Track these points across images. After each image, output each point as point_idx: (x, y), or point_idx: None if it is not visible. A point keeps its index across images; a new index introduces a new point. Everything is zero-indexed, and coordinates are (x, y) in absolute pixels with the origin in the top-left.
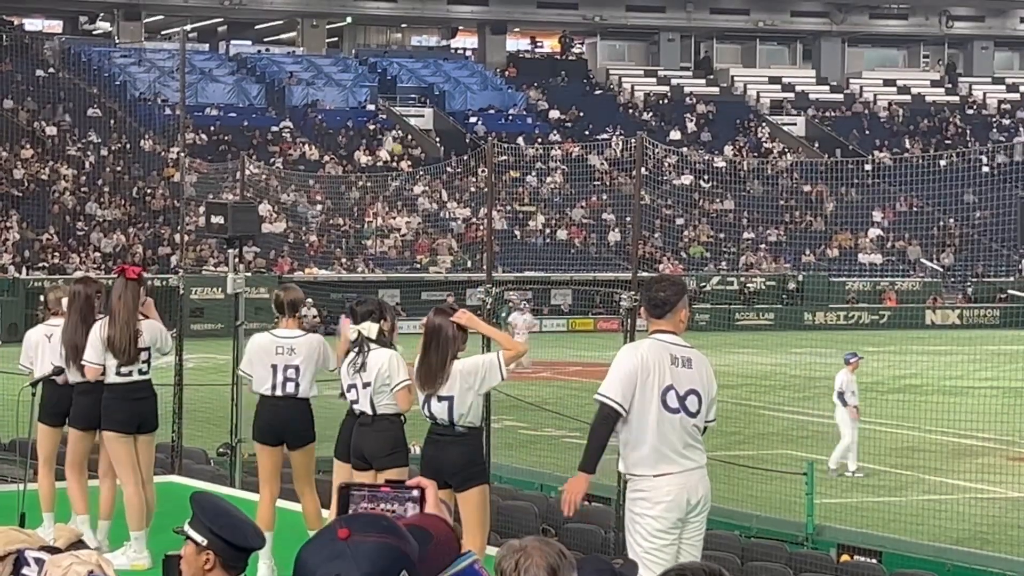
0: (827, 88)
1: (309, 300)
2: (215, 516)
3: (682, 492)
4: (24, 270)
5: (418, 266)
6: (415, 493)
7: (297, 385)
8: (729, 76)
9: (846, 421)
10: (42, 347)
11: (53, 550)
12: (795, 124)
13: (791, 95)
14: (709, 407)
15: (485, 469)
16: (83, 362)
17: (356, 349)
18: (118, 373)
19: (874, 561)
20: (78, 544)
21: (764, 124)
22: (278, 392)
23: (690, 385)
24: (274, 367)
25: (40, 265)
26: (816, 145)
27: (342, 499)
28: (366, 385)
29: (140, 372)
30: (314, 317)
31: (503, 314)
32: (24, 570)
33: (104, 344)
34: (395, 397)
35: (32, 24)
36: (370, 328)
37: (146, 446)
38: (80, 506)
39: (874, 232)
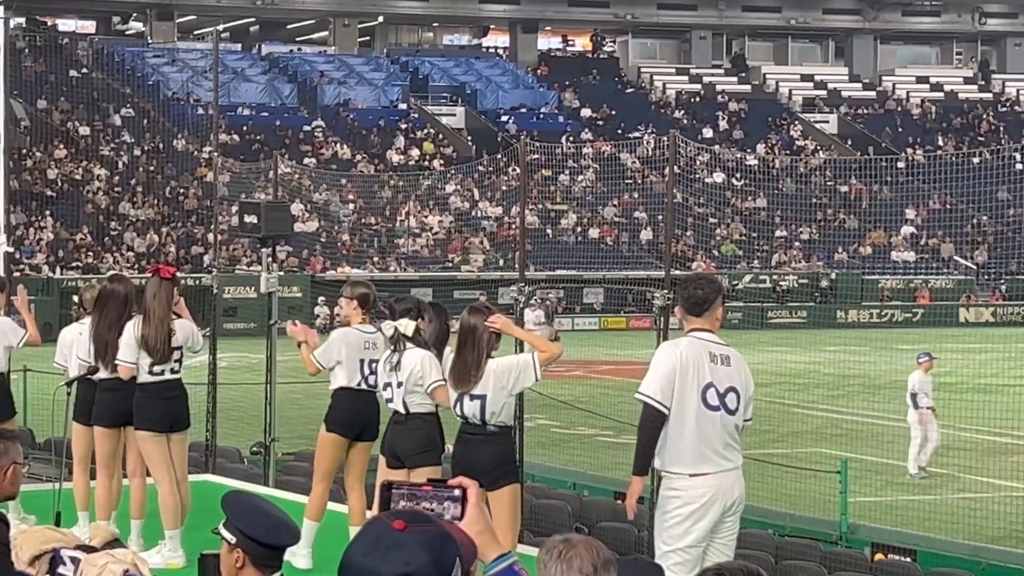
0: (860, 85)
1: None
2: (242, 514)
3: (717, 494)
4: (58, 270)
5: (450, 265)
6: (457, 492)
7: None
8: (761, 74)
9: (917, 423)
10: (76, 346)
11: (89, 549)
12: (827, 122)
13: (823, 92)
14: (747, 405)
15: (517, 468)
16: (117, 361)
17: (392, 347)
18: (150, 372)
19: (909, 560)
20: (113, 543)
21: (796, 122)
22: (363, 386)
23: (729, 383)
24: (361, 361)
25: (74, 265)
26: (849, 143)
27: (384, 497)
28: (399, 384)
29: (172, 371)
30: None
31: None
32: (60, 569)
33: (138, 343)
34: (433, 396)
35: (65, 24)
36: (407, 325)
37: (179, 445)
38: (105, 510)
39: (907, 230)
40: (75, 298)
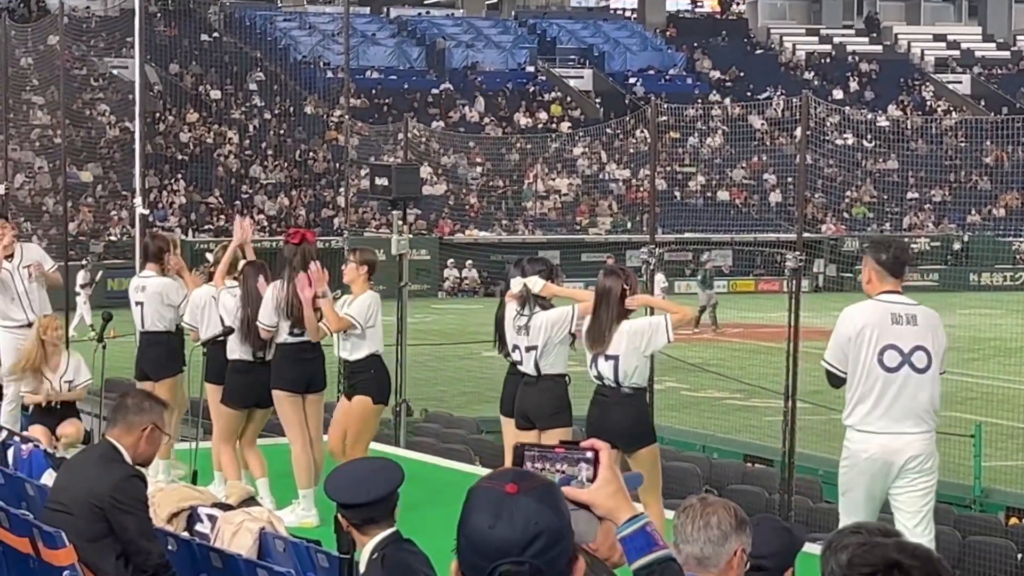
0: (993, 45)
1: (469, 262)
2: (328, 482)
3: (886, 453)
4: (190, 232)
5: (578, 228)
6: (589, 455)
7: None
8: (893, 34)
9: None
10: (209, 307)
11: (225, 507)
12: (960, 82)
13: (956, 53)
14: (942, 359)
15: (653, 429)
16: (258, 323)
17: (520, 308)
18: (291, 334)
19: None
20: (250, 501)
21: (929, 83)
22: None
23: (916, 342)
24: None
25: (206, 227)
26: (982, 103)
27: (516, 459)
28: (529, 349)
29: None
30: (476, 280)
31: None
32: (197, 526)
33: (277, 306)
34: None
35: None
36: (535, 283)
37: (314, 406)
38: (232, 473)
39: None
40: (209, 259)
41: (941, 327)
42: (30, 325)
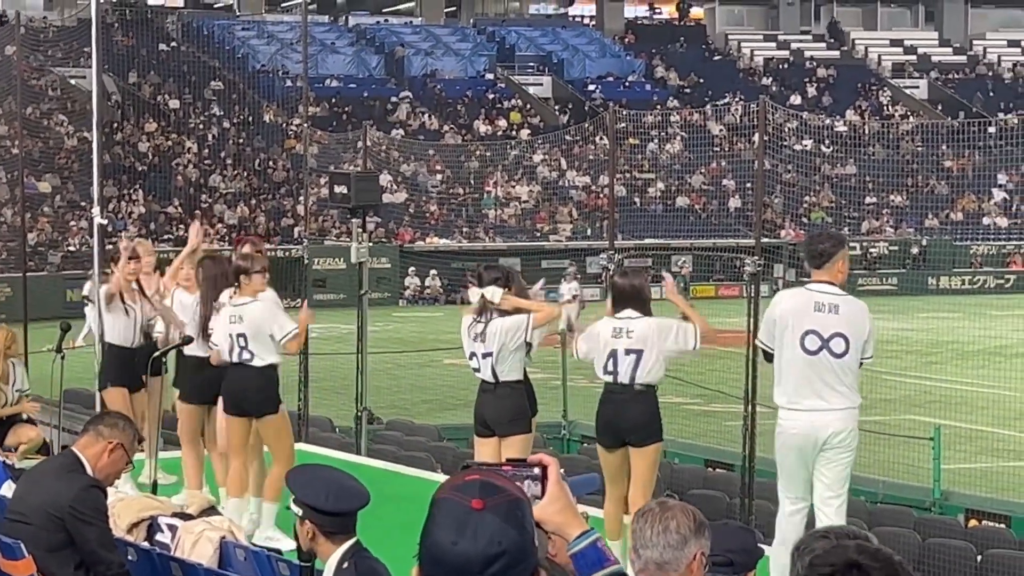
0: (950, 50)
1: (433, 271)
2: (303, 487)
3: (811, 428)
4: (150, 242)
5: (538, 234)
6: (536, 471)
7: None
8: (850, 39)
9: None
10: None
11: (186, 516)
12: (917, 87)
13: (913, 57)
14: (861, 347)
15: (662, 427)
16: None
17: (476, 316)
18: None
19: (1003, 526)
20: (210, 511)
21: (886, 87)
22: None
23: (835, 329)
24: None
25: (165, 237)
26: (939, 108)
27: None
28: (486, 355)
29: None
30: (437, 288)
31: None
32: (158, 536)
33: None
34: (537, 340)
35: None
36: (494, 293)
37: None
38: (194, 480)
39: (999, 195)
40: (167, 270)
41: (867, 319)
42: None
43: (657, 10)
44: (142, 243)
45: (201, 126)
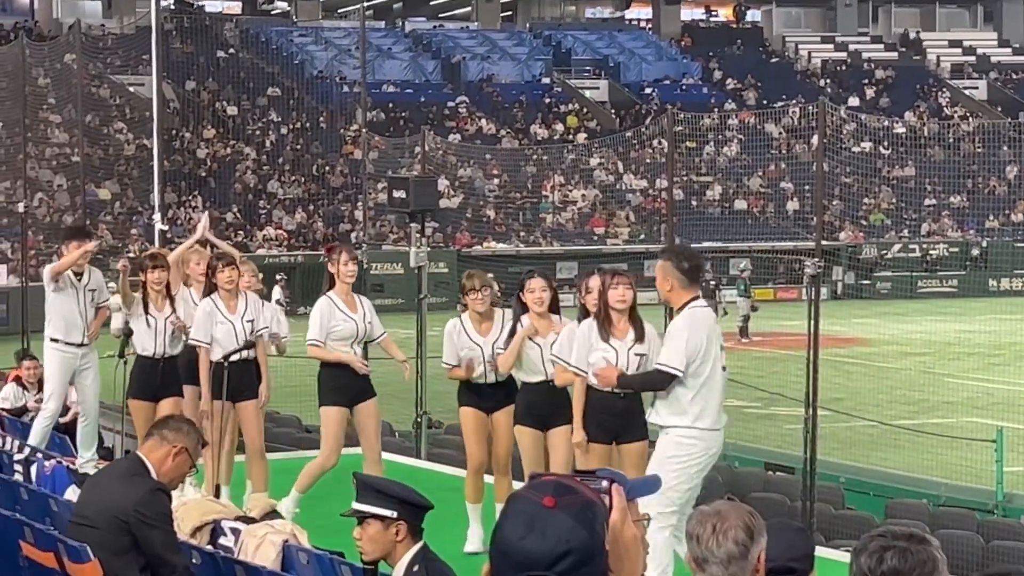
0: (1009, 51)
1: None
2: (399, 488)
3: (719, 446)
4: (208, 248)
5: (595, 238)
6: (604, 484)
7: None
8: (912, 40)
9: None
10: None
11: (248, 520)
12: (977, 88)
13: (972, 58)
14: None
15: (646, 425)
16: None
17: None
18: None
19: None
20: (272, 514)
21: (945, 89)
22: None
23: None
24: None
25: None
26: (999, 109)
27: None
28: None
29: None
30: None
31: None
32: (221, 539)
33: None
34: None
35: (212, 6)
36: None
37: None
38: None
39: None
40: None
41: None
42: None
43: (714, 13)
44: (163, 252)
45: (259, 132)
